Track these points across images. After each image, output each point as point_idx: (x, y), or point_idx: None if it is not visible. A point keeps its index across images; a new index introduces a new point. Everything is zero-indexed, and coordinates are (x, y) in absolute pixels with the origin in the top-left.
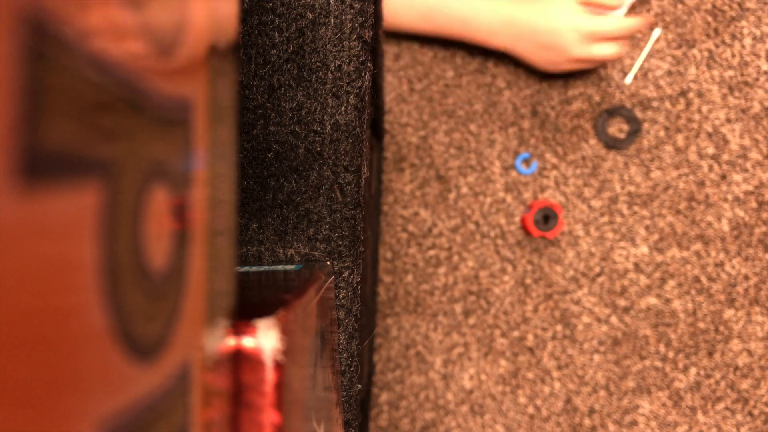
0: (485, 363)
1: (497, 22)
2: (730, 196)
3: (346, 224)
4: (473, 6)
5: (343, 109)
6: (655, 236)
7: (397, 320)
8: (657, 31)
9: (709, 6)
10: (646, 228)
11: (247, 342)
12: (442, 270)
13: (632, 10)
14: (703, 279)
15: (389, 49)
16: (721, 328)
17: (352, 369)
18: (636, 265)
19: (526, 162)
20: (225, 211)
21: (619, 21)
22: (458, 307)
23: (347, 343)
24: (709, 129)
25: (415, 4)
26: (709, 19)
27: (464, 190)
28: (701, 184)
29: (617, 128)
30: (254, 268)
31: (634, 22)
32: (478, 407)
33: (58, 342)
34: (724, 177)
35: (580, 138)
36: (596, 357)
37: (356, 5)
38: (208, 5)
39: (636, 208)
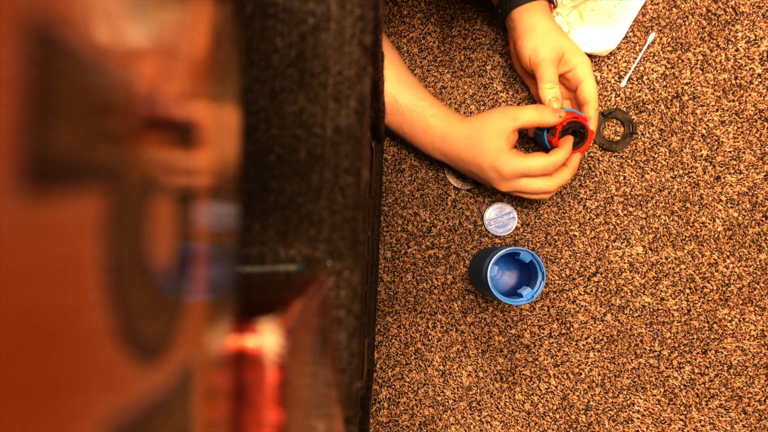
0: (483, 360)
1: (430, 143)
2: (723, 197)
3: (347, 225)
4: (419, 113)
5: (343, 112)
6: (650, 236)
7: (396, 318)
8: (652, 35)
9: (703, 10)
10: (641, 228)
11: (249, 341)
12: (440, 269)
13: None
14: (697, 278)
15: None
16: (715, 326)
17: (352, 367)
18: (631, 264)
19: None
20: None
21: (542, 159)
22: (456, 306)
23: (348, 341)
24: (703, 131)
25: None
26: (704, 22)
27: (462, 191)
28: (695, 185)
29: (612, 130)
30: (256, 268)
31: (557, 158)
32: (476, 404)
33: (61, 341)
34: (718, 178)
35: None
36: (592, 355)
37: (357, 11)
38: (210, 13)
39: (631, 208)
